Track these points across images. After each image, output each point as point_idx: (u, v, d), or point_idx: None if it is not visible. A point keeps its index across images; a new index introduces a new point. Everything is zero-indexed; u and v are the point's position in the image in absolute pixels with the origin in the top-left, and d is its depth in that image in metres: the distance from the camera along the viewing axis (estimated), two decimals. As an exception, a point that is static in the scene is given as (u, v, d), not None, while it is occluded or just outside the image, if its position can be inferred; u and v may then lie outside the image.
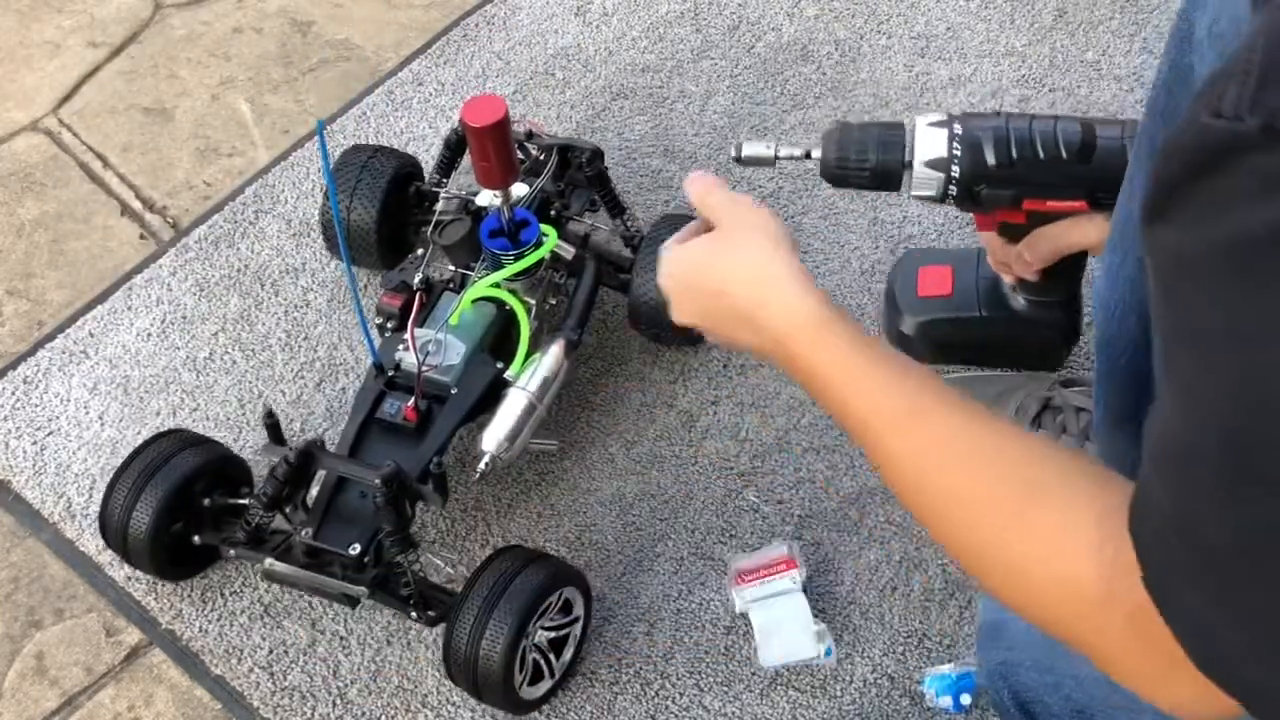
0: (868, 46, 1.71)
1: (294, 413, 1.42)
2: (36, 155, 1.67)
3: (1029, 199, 1.08)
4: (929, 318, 1.34)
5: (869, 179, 1.07)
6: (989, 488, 0.70)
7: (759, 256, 0.87)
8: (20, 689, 1.25)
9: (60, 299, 1.53)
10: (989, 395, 1.30)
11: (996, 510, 0.69)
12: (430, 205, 1.43)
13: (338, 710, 1.22)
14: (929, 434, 0.74)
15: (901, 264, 1.39)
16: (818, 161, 1.08)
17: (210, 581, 1.30)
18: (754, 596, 1.25)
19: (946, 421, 0.74)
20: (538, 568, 1.16)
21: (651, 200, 1.57)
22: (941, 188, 1.06)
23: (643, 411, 1.41)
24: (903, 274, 1.38)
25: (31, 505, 1.36)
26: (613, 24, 1.75)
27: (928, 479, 0.73)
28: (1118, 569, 0.59)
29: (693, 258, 0.91)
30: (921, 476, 0.74)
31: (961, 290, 1.33)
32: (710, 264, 0.89)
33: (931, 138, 1.04)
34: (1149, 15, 1.71)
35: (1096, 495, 0.65)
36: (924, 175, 1.05)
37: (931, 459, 0.73)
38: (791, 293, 0.84)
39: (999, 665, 0.99)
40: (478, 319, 1.29)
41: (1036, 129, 1.05)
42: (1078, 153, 1.04)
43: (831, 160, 1.07)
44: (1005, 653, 0.98)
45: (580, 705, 1.22)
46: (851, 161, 1.06)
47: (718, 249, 0.90)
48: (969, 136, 1.04)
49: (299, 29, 1.79)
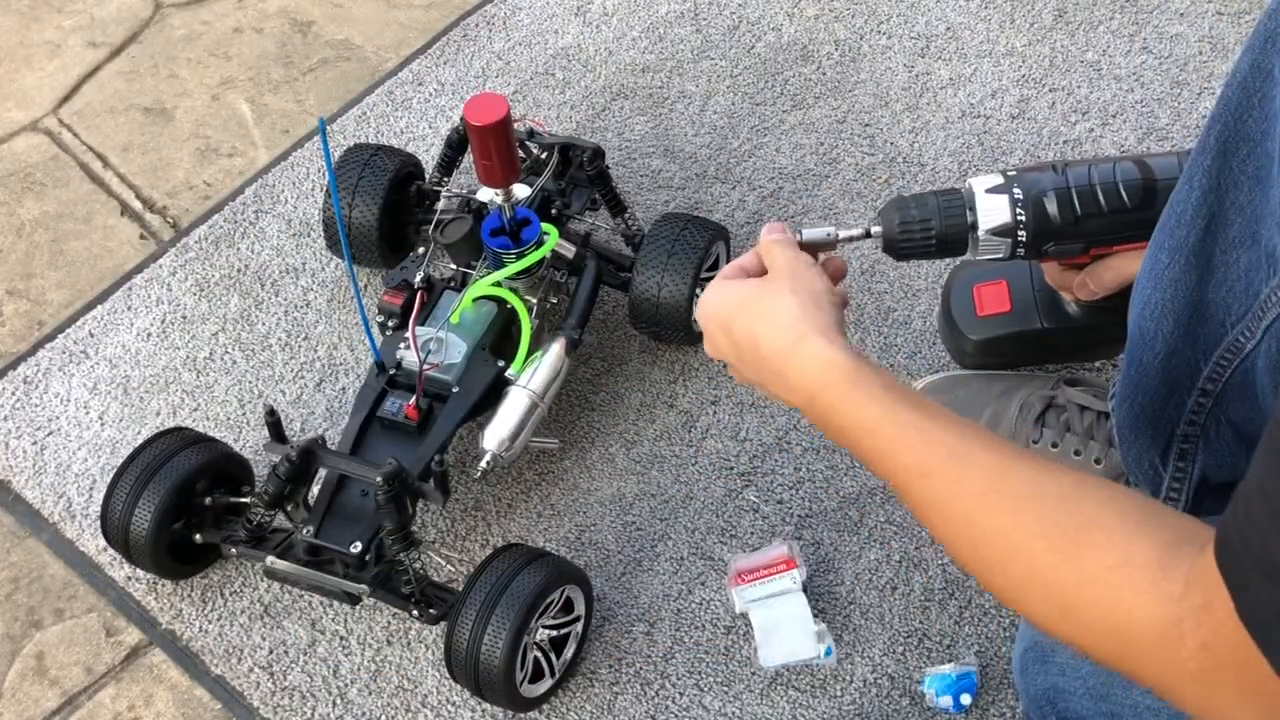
0: (868, 46, 1.71)
1: (294, 412, 1.42)
2: (36, 155, 1.67)
3: (1096, 247, 1.07)
4: (992, 335, 1.32)
5: (935, 249, 1.05)
6: (1041, 528, 0.70)
7: (796, 312, 0.86)
8: (20, 689, 1.25)
9: (60, 299, 1.53)
10: (991, 394, 1.30)
11: (1050, 549, 0.69)
12: (431, 204, 1.43)
13: (338, 710, 1.22)
14: (975, 478, 0.74)
15: (955, 283, 1.35)
16: (879, 237, 1.06)
17: (210, 581, 1.30)
18: (754, 596, 1.25)
19: (991, 464, 0.74)
20: (539, 566, 1.16)
21: (652, 200, 1.57)
22: (1009, 250, 1.04)
23: (643, 411, 1.41)
24: (957, 294, 1.34)
25: (31, 505, 1.36)
26: (613, 24, 1.75)
27: (976, 524, 0.73)
28: (1188, 602, 0.60)
29: (733, 298, 0.91)
30: (970, 523, 0.74)
31: (1020, 304, 1.30)
32: (747, 309, 0.90)
33: (993, 205, 1.02)
34: (1149, 15, 1.71)
35: (1154, 531, 0.65)
36: (990, 242, 1.04)
37: (978, 502, 0.73)
38: (820, 347, 0.84)
39: (1045, 691, 0.97)
40: (479, 317, 1.30)
41: (1096, 179, 1.03)
42: (1140, 200, 1.03)
43: (896, 236, 1.05)
44: (1054, 679, 0.96)
45: (580, 705, 1.22)
46: (917, 235, 1.04)
47: (759, 295, 0.90)
48: (1032, 199, 1.02)
49: (299, 29, 1.79)
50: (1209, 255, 0.89)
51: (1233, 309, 0.89)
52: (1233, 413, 0.93)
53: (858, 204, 1.55)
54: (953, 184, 1.57)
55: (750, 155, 1.61)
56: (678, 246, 1.35)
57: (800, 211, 1.55)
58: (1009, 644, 1.24)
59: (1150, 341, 0.96)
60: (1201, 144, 0.88)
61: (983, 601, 1.26)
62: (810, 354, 0.84)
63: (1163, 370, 0.96)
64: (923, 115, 1.64)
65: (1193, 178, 0.89)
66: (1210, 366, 0.92)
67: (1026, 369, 1.36)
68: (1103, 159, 1.05)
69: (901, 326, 1.45)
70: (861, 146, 1.61)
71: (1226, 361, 0.91)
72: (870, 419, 0.80)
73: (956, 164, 1.59)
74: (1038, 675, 0.99)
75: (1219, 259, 0.89)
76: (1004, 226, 1.02)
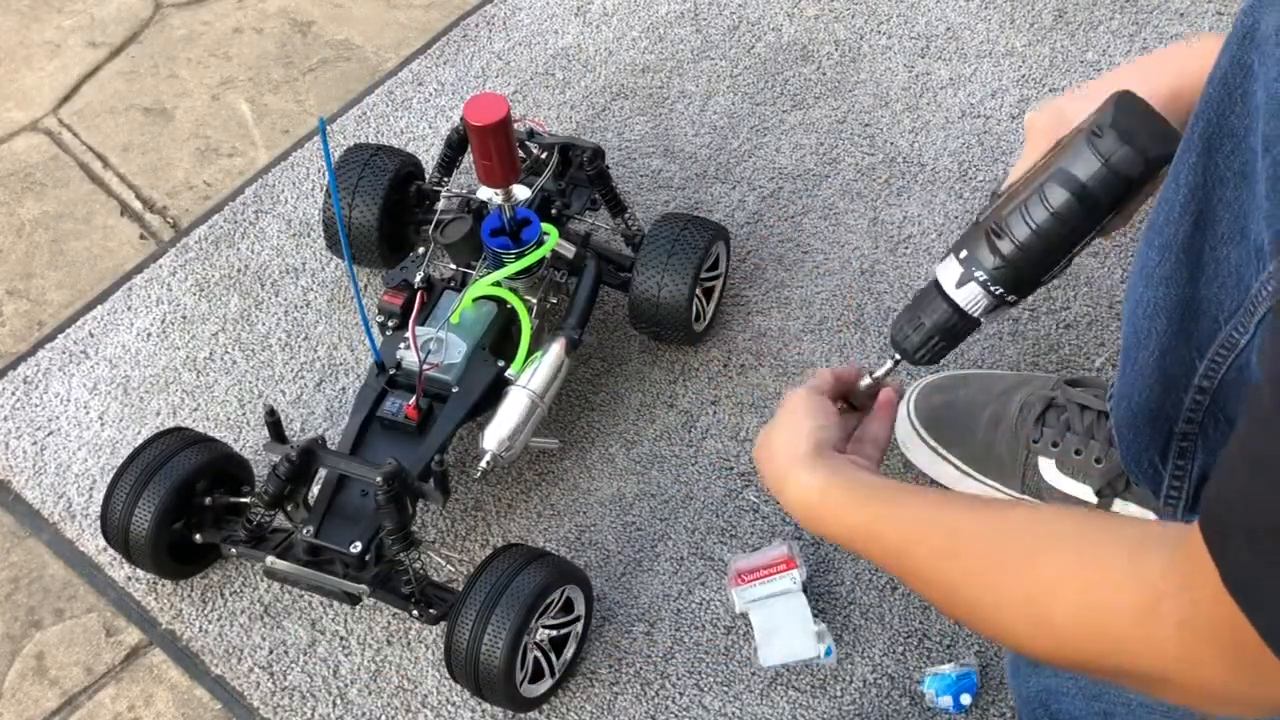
0: (868, 46, 1.71)
1: (294, 413, 1.42)
2: (36, 155, 1.67)
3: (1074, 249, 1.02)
4: None
5: (940, 339, 1.06)
6: (1000, 556, 0.75)
7: (780, 447, 0.97)
8: (20, 689, 1.25)
9: (60, 299, 1.53)
10: (992, 393, 1.30)
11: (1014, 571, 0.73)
12: (431, 204, 1.43)
13: (338, 710, 1.22)
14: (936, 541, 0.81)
15: None
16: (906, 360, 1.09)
17: (210, 581, 1.30)
18: (754, 596, 1.25)
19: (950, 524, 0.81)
20: (539, 566, 1.16)
21: (651, 200, 1.57)
22: (989, 297, 1.02)
23: (643, 411, 1.41)
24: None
25: (31, 505, 1.36)
26: (613, 24, 1.75)
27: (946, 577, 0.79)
28: (1166, 585, 0.60)
29: (758, 438, 1.03)
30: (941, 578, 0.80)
31: None
32: (760, 446, 1.01)
33: (970, 296, 1.03)
34: (1149, 15, 1.71)
35: (1118, 534, 0.68)
36: (991, 315, 1.04)
37: (944, 560, 0.80)
38: (797, 476, 0.94)
39: (1038, 693, 0.99)
40: (479, 317, 1.29)
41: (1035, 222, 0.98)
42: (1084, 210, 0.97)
43: (908, 351, 1.08)
44: (1047, 680, 0.98)
45: (580, 705, 1.22)
46: (937, 347, 1.07)
47: (763, 435, 1.01)
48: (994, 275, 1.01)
49: (299, 29, 1.79)
50: (1199, 252, 0.90)
51: (1225, 305, 0.89)
52: (1230, 409, 0.94)
53: (858, 204, 1.55)
54: (954, 187, 1.57)
55: (750, 155, 1.61)
56: (678, 246, 1.35)
57: (800, 211, 1.55)
58: (1009, 644, 1.24)
59: (1144, 340, 0.96)
60: (1186, 141, 0.88)
61: (983, 601, 1.26)
62: (792, 484, 0.94)
63: (1158, 368, 0.96)
64: (923, 115, 1.64)
65: (1179, 175, 0.89)
66: (1205, 364, 0.92)
67: (976, 368, 1.37)
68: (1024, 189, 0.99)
69: (901, 326, 1.45)
70: (861, 146, 1.61)
71: (1221, 358, 0.91)
72: (846, 528, 0.90)
73: (956, 164, 1.59)
74: (1030, 678, 1.00)
75: (1209, 255, 0.89)
76: (991, 305, 1.03)
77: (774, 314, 1.47)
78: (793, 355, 1.44)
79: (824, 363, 1.43)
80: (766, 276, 1.50)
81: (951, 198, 1.56)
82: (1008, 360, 1.43)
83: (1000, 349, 1.44)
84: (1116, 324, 1.45)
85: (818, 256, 1.52)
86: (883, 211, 1.55)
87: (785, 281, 1.50)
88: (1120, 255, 1.50)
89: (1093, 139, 0.93)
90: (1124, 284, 1.44)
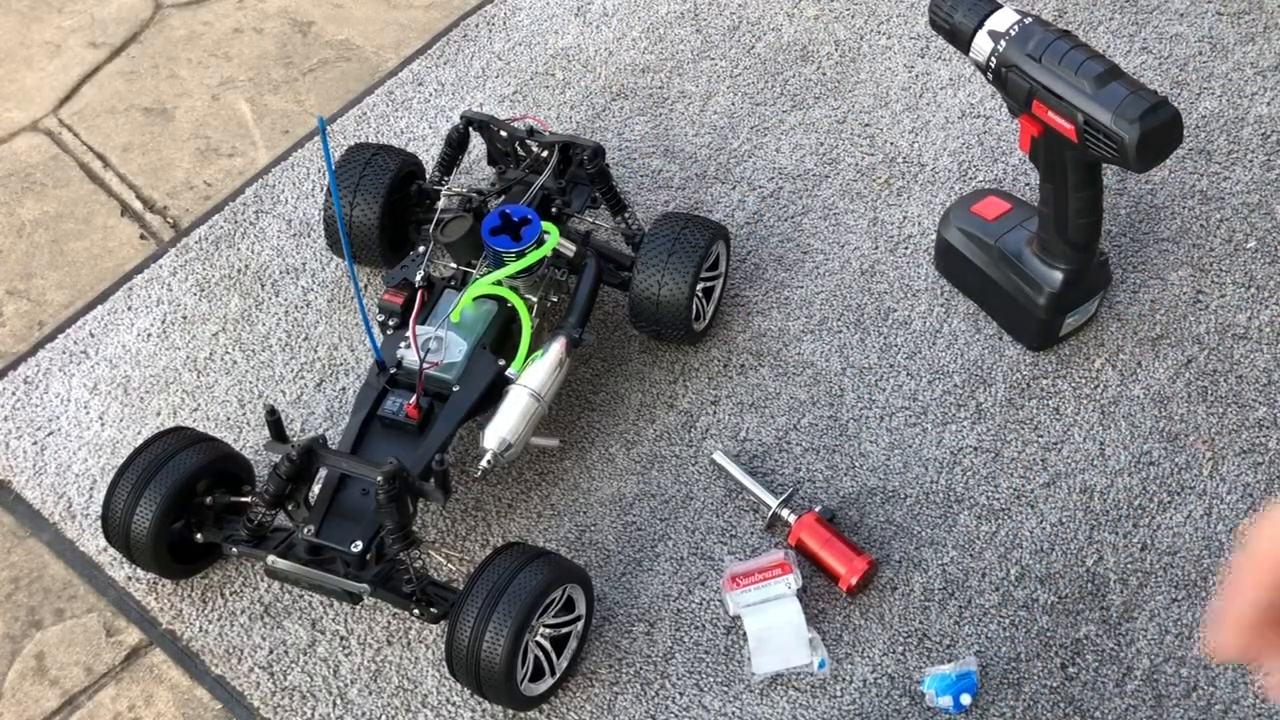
0: (868, 46, 1.71)
1: (294, 413, 1.42)
2: (37, 155, 1.67)
3: (1038, 100, 1.21)
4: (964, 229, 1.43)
5: (948, 32, 1.26)
6: None
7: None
8: (20, 689, 1.25)
9: (60, 299, 1.53)
10: None
11: None
12: (431, 203, 1.43)
13: (338, 710, 1.22)
14: None
15: (951, 217, 1.45)
16: None
17: (210, 581, 1.30)
18: (748, 601, 1.24)
19: None
20: (540, 565, 1.16)
21: (651, 200, 1.57)
22: (986, 58, 1.23)
23: (643, 411, 1.41)
24: (971, 197, 1.47)
25: (31, 505, 1.36)
26: (613, 24, 1.75)
27: None
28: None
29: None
30: None
31: (1016, 203, 1.44)
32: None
33: (1003, 15, 1.23)
34: (1149, 15, 1.71)
35: None
36: (981, 42, 1.23)
37: None
38: None
39: None
40: (479, 316, 1.30)
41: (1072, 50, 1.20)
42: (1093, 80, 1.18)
43: (932, 5, 1.28)
44: None
45: (580, 705, 1.22)
46: (942, 12, 1.26)
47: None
48: (1025, 29, 1.22)
49: (299, 29, 1.79)
50: None
51: None
52: None
53: (858, 204, 1.55)
54: (954, 187, 1.57)
55: (750, 155, 1.61)
56: (678, 246, 1.35)
57: (800, 211, 1.55)
58: (1009, 644, 1.24)
59: None
60: None
61: (983, 601, 1.26)
62: None
63: None
64: (923, 115, 1.64)
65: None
66: None
67: None
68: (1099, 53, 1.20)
69: (901, 326, 1.45)
70: (861, 146, 1.61)
71: None
72: None
73: (956, 164, 1.59)
74: None
75: None
76: (996, 32, 1.22)
77: (774, 314, 1.47)
78: (793, 355, 1.44)
79: (824, 362, 1.43)
80: (766, 276, 1.50)
81: (951, 198, 1.56)
82: None
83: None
84: None
85: (818, 256, 1.52)
86: (883, 211, 1.55)
87: (785, 281, 1.50)
88: None
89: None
90: None
